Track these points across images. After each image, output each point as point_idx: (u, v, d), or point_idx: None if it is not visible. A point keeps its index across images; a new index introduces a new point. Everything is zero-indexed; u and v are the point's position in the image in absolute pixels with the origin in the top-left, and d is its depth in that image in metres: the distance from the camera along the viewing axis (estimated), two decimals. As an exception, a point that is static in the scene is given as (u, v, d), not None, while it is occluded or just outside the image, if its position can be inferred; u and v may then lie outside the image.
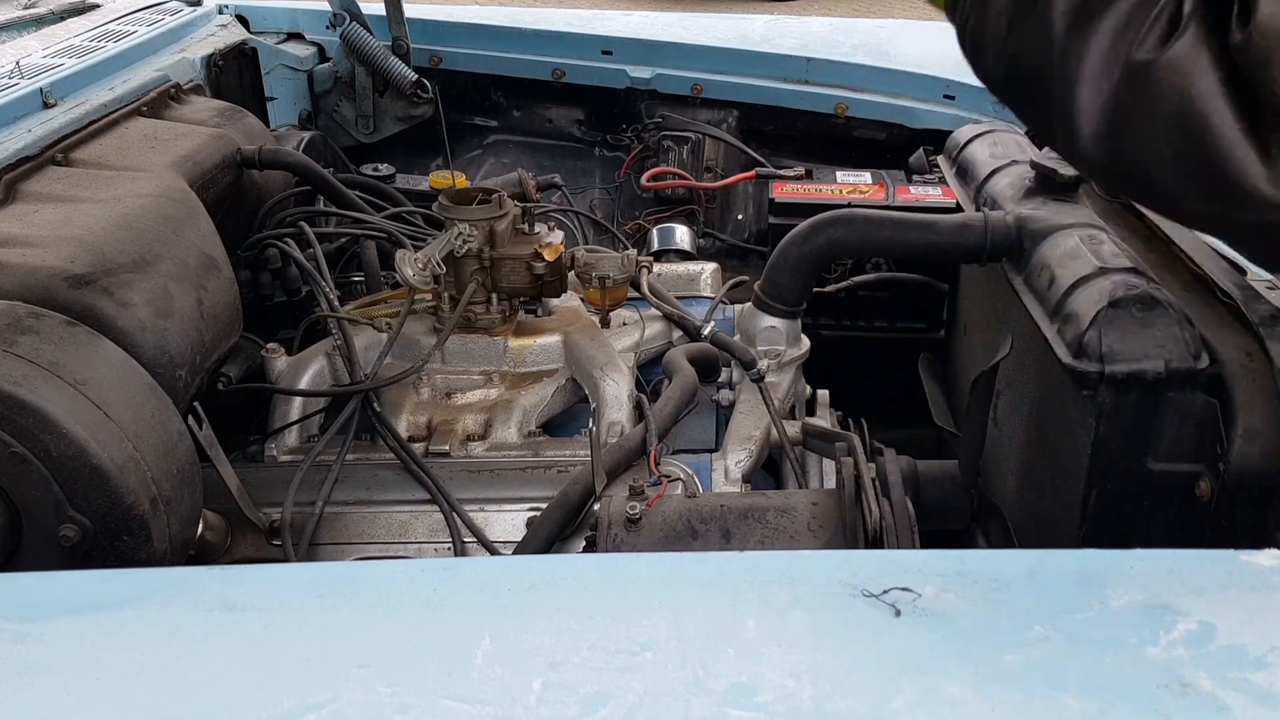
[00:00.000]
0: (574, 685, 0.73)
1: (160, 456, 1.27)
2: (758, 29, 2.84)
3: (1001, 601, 0.82)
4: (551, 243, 1.81)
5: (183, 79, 2.20)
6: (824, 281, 2.37)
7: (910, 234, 1.71)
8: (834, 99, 2.64)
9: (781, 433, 1.69)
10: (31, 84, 1.88)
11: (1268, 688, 0.72)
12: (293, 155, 2.11)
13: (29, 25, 2.45)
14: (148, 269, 1.46)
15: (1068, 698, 0.71)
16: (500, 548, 1.54)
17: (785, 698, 0.72)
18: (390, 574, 0.91)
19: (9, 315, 1.27)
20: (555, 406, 1.81)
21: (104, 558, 1.21)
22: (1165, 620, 0.78)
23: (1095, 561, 0.87)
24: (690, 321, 1.90)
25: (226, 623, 0.82)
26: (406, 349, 1.80)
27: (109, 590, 0.89)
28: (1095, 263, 1.46)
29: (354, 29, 2.73)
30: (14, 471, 1.18)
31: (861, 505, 1.30)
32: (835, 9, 10.02)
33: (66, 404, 1.19)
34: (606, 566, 1.00)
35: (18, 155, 1.66)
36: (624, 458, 1.54)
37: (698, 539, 1.35)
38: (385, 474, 1.63)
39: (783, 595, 0.83)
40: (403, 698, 0.73)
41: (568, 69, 2.80)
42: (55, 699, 0.74)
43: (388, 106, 2.82)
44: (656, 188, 2.76)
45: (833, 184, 2.48)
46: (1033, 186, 1.77)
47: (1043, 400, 1.53)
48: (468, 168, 2.93)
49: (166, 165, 1.75)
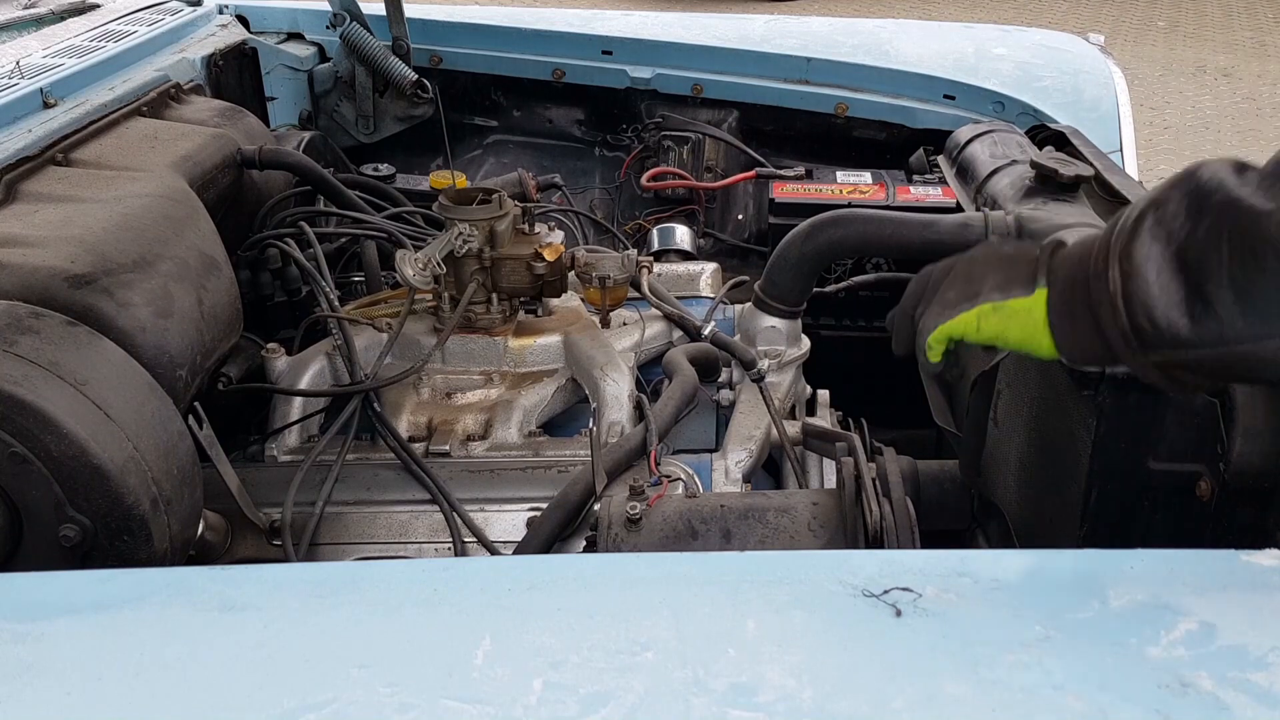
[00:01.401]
0: (574, 685, 0.73)
1: (160, 456, 1.27)
2: (758, 29, 2.83)
3: (1001, 601, 0.82)
4: (552, 243, 1.81)
5: (183, 79, 2.20)
6: (824, 281, 2.37)
7: (910, 234, 1.71)
8: (834, 99, 2.63)
9: (782, 433, 1.69)
10: (31, 84, 1.88)
11: (1268, 688, 0.72)
12: (293, 155, 2.11)
13: (29, 25, 2.45)
14: (148, 269, 1.46)
15: (1068, 698, 0.71)
16: (500, 548, 1.54)
17: (785, 698, 0.72)
18: (390, 574, 0.91)
19: (9, 315, 1.27)
20: (555, 406, 1.81)
21: (104, 558, 1.21)
22: (1165, 620, 0.78)
23: (1095, 561, 0.87)
24: (690, 321, 1.90)
25: (226, 623, 0.82)
26: (406, 349, 1.80)
27: (109, 590, 0.89)
28: (1095, 263, 1.46)
29: (354, 29, 2.73)
30: (14, 471, 1.18)
31: (862, 505, 1.30)
32: (835, 9, 10.03)
33: (67, 404, 1.19)
34: (606, 566, 0.99)
35: (18, 155, 1.66)
36: (624, 458, 1.54)
37: (698, 539, 1.35)
38: (385, 474, 1.63)
39: (783, 595, 0.83)
40: (403, 698, 0.73)
41: (568, 69, 2.80)
42: (55, 699, 0.74)
43: (388, 106, 2.82)
44: (656, 188, 2.76)
45: (833, 184, 2.48)
46: (1033, 186, 1.77)
47: (1043, 400, 1.53)
48: (468, 168, 2.93)
49: (167, 165, 1.75)
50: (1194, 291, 0.88)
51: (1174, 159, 6.48)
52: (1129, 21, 10.00)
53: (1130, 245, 0.92)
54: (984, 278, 1.10)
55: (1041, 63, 2.59)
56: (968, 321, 1.09)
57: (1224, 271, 0.85)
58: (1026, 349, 1.08)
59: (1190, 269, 0.88)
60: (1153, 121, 6.90)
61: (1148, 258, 0.90)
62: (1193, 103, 7.60)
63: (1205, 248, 0.87)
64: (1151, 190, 0.96)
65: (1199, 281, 0.87)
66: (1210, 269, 0.86)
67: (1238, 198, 0.85)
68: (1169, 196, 0.92)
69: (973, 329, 1.09)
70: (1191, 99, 7.68)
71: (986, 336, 1.09)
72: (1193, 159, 0.92)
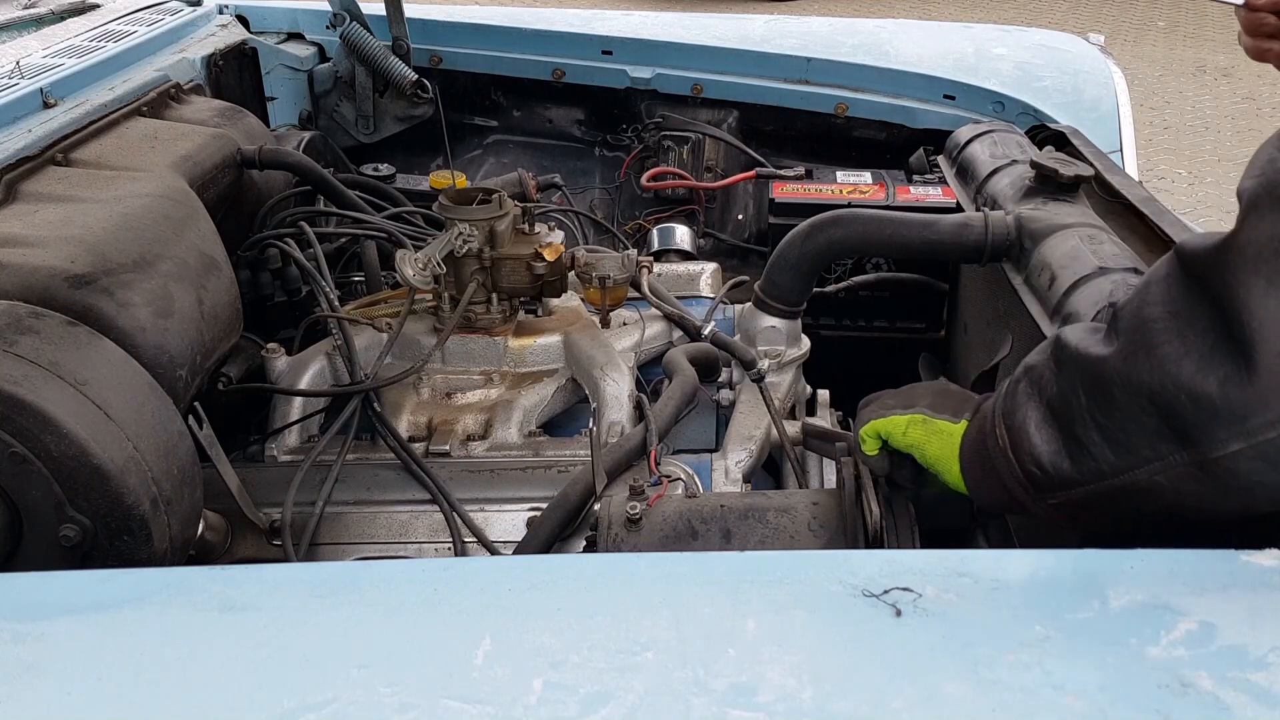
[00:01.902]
0: (574, 685, 0.73)
1: (160, 456, 1.27)
2: (758, 29, 2.83)
3: (1001, 601, 0.82)
4: (552, 243, 1.81)
5: (183, 79, 2.20)
6: (824, 281, 2.37)
7: (910, 234, 1.71)
8: (834, 99, 2.64)
9: (781, 433, 1.69)
10: (31, 84, 1.88)
11: (1268, 688, 0.72)
12: (293, 155, 2.11)
13: (29, 25, 2.45)
14: (148, 269, 1.46)
15: (1068, 698, 0.71)
16: (500, 548, 1.54)
17: (785, 698, 0.72)
18: (390, 574, 0.91)
19: (9, 315, 1.27)
20: (555, 406, 1.81)
21: (104, 558, 1.21)
22: (1165, 620, 0.78)
23: (1095, 561, 0.87)
24: (690, 321, 1.90)
25: (226, 623, 0.82)
26: (406, 349, 1.80)
27: (109, 590, 0.89)
28: (1095, 262, 1.46)
29: (354, 29, 2.73)
30: (14, 471, 1.18)
31: (862, 505, 1.30)
32: (835, 9, 10.03)
33: (67, 404, 1.19)
34: (606, 566, 0.99)
35: (18, 155, 1.66)
36: (624, 458, 1.54)
37: (698, 539, 1.35)
38: (385, 474, 1.63)
39: (783, 595, 0.83)
40: (403, 698, 0.73)
41: (568, 69, 2.80)
42: (55, 699, 0.74)
43: (388, 106, 2.82)
44: (656, 188, 2.76)
45: (833, 184, 2.48)
46: (1033, 186, 1.77)
47: (1043, 400, 1.53)
48: (468, 168, 2.93)
49: (167, 165, 1.75)
50: (1068, 436, 1.00)
51: (1174, 159, 6.48)
52: (1129, 21, 10.00)
53: (1010, 405, 1.07)
54: (924, 397, 1.24)
55: (1041, 63, 2.59)
56: (896, 423, 1.23)
57: (1086, 414, 0.98)
58: (939, 469, 1.20)
59: (1060, 417, 1.01)
60: (1153, 121, 6.89)
61: (1026, 416, 1.04)
62: (1193, 103, 7.60)
63: (1068, 396, 1.00)
64: (1027, 357, 1.10)
65: (1069, 427, 1.00)
66: (1075, 414, 0.99)
67: (1085, 350, 0.99)
68: (1038, 361, 1.06)
69: (899, 431, 1.23)
70: (1191, 99, 7.68)
71: (909, 442, 1.22)
72: (1193, 159, 0.93)
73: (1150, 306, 0.94)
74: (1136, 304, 0.95)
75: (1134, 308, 0.95)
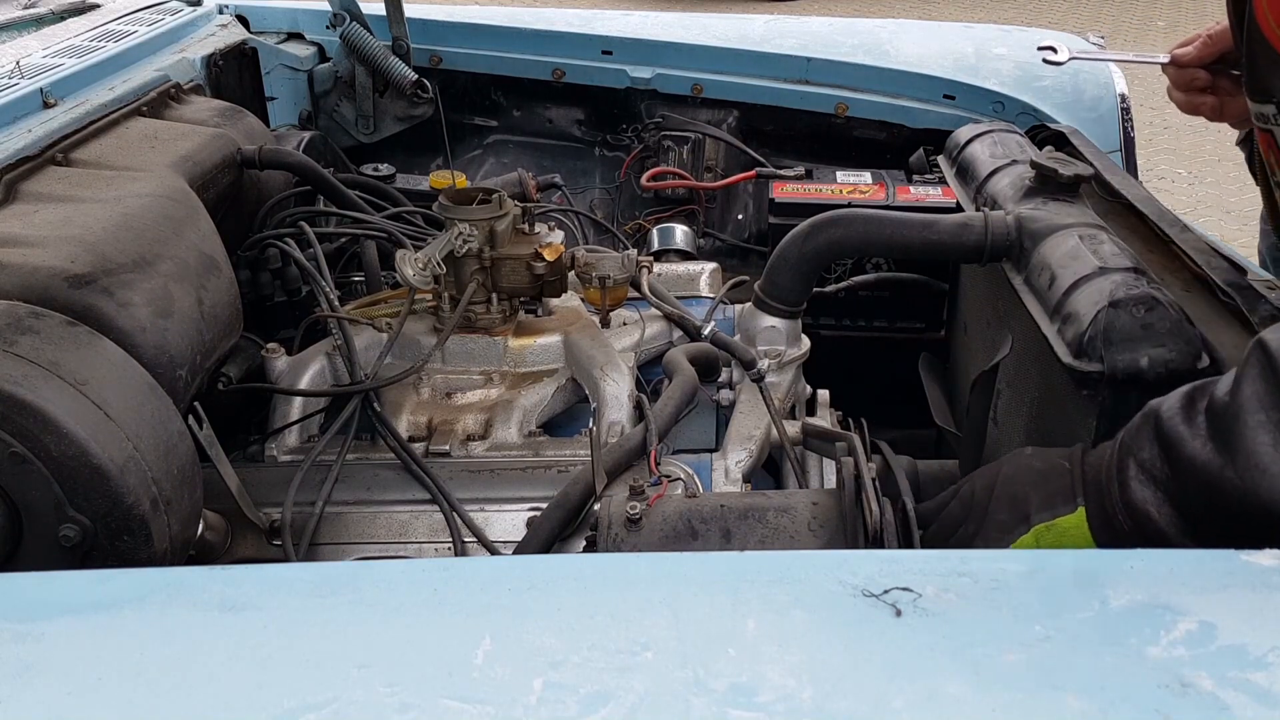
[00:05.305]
0: (574, 685, 0.73)
1: (160, 456, 1.26)
2: (758, 29, 2.83)
3: (1001, 601, 0.82)
4: (552, 243, 1.81)
5: (183, 79, 2.20)
6: (824, 281, 2.38)
7: (910, 234, 1.70)
8: (834, 99, 2.64)
9: (781, 433, 1.69)
10: (31, 84, 1.87)
11: (1268, 688, 0.72)
12: (293, 155, 2.10)
13: (29, 25, 2.45)
14: (148, 269, 1.46)
15: (1068, 698, 0.71)
16: (500, 548, 1.54)
17: (785, 698, 0.72)
18: (390, 574, 0.91)
19: (9, 315, 1.27)
20: (555, 406, 1.81)
21: (104, 558, 1.21)
22: (1165, 620, 0.78)
23: (1095, 561, 0.87)
24: (690, 321, 1.90)
25: (226, 623, 0.82)
26: (406, 349, 1.80)
27: (109, 590, 0.88)
28: (1095, 263, 1.46)
29: (354, 29, 2.73)
30: (14, 471, 1.18)
31: (862, 505, 1.30)
32: (835, 9, 10.03)
33: (67, 404, 1.19)
34: (606, 566, 0.99)
35: (18, 155, 1.66)
36: (624, 458, 1.54)
37: (698, 539, 1.35)
38: (385, 474, 1.63)
39: (783, 595, 0.83)
40: (403, 698, 0.73)
41: (568, 69, 2.80)
42: (55, 699, 0.74)
43: (388, 106, 2.82)
44: (656, 188, 2.76)
45: (833, 184, 2.48)
46: (1033, 186, 1.77)
47: (1043, 400, 1.53)
48: (468, 168, 2.92)
49: (166, 165, 1.75)
50: (1190, 524, 1.03)
51: (1174, 159, 6.48)
52: (1129, 21, 10.01)
53: (1127, 495, 1.07)
54: (1027, 498, 1.17)
55: (1041, 63, 2.59)
56: (1026, 544, 1.17)
57: (1205, 515, 1.01)
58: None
59: (1184, 515, 1.03)
60: (1153, 121, 6.89)
61: (1147, 503, 1.05)
62: (1193, 103, 7.58)
63: (1189, 497, 1.02)
64: (1121, 432, 1.10)
65: (1193, 525, 1.03)
66: (1198, 514, 1.02)
67: (1197, 459, 0.99)
68: (1141, 444, 1.06)
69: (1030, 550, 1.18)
70: (1191, 99, 7.66)
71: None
72: (1193, 159, 0.94)
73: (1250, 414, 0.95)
74: (1235, 408, 0.96)
75: (1234, 411, 0.96)
